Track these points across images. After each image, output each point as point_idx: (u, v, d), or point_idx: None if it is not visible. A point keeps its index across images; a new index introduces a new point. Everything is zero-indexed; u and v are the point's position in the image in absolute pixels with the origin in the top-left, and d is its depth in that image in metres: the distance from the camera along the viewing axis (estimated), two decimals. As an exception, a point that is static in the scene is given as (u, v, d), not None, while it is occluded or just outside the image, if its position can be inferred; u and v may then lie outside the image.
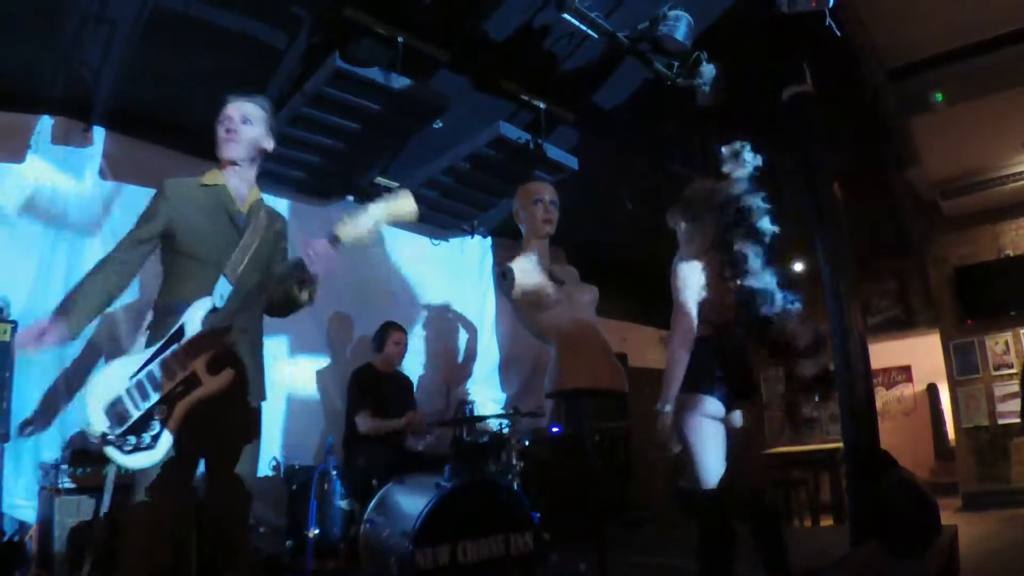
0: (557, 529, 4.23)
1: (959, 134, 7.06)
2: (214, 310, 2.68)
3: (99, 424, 2.49)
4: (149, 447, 2.50)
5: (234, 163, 2.92)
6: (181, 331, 2.62)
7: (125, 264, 2.76)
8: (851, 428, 4.72)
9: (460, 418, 5.02)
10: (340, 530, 4.70)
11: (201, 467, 2.81)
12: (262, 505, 5.14)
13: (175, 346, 2.60)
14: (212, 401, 2.61)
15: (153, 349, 2.61)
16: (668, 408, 3.16)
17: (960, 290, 9.27)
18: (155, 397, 2.54)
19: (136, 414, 2.52)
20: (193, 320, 2.64)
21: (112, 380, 2.57)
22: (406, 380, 5.85)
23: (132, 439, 2.49)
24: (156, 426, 2.52)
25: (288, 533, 4.80)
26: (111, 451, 2.49)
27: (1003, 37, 5.54)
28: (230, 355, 2.71)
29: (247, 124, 2.92)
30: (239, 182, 2.94)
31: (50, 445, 4.61)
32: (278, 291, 2.85)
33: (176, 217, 2.77)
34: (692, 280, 3.26)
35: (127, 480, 4.21)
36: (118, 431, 2.49)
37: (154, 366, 2.57)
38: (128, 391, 2.54)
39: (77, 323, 2.64)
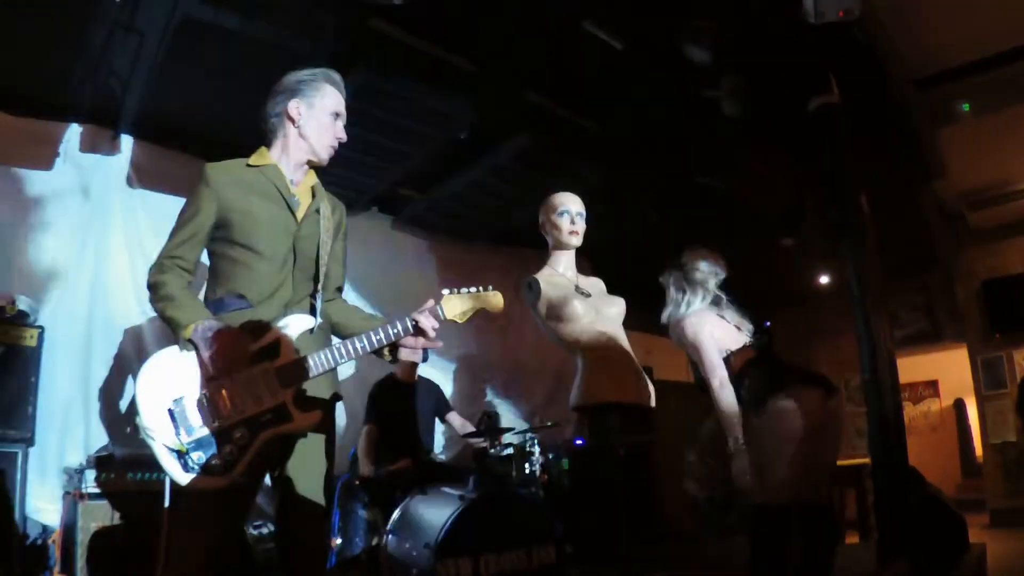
0: (580, 542, 4.20)
1: (986, 144, 6.97)
2: (311, 332, 2.43)
3: (156, 425, 2.17)
4: (218, 472, 2.18)
5: (319, 161, 2.62)
6: (275, 348, 2.31)
7: (186, 265, 2.41)
8: (879, 443, 4.66)
9: (483, 429, 5.00)
10: (362, 540, 4.69)
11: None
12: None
13: (266, 364, 2.29)
14: (295, 434, 2.36)
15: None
16: (743, 443, 3.28)
17: (988, 303, 9.16)
18: (234, 416, 2.23)
19: (206, 429, 2.21)
20: (290, 339, 2.35)
21: (176, 376, 2.25)
22: (432, 386, 5.82)
23: (199, 456, 2.17)
24: (232, 452, 2.20)
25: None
26: (172, 466, 2.17)
27: (1031, 46, 5.48)
28: (317, 389, 2.42)
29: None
30: (292, 162, 2.58)
31: (74, 450, 4.63)
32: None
33: (227, 204, 2.39)
34: (704, 327, 3.56)
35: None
36: (185, 440, 2.18)
37: (239, 379, 2.25)
38: (201, 399, 2.23)
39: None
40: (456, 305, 2.56)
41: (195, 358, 2.27)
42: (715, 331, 3.51)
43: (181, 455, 2.17)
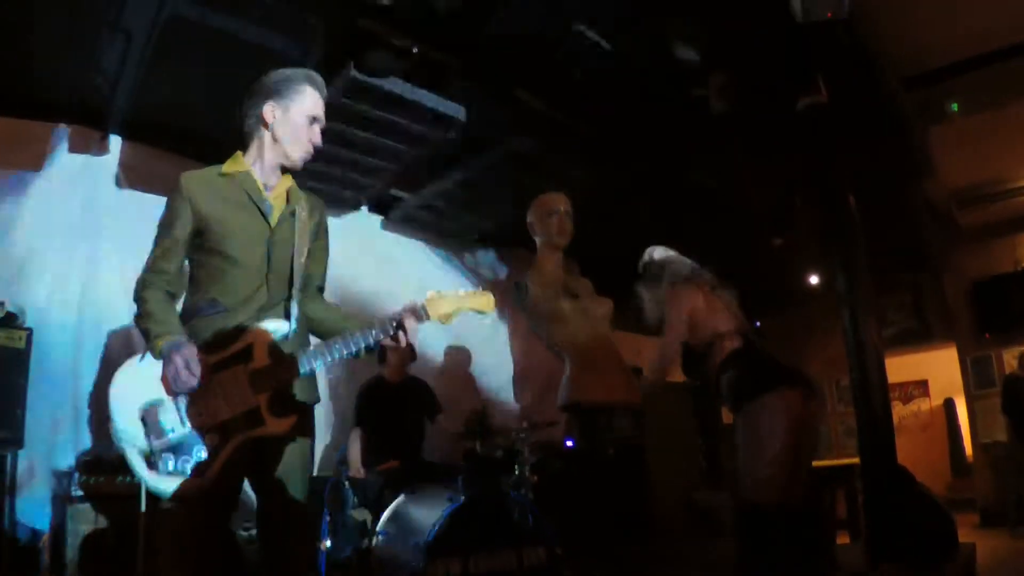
0: (570, 543, 4.20)
1: (975, 144, 7.00)
2: (286, 337, 2.41)
3: (128, 430, 2.19)
4: (190, 476, 2.18)
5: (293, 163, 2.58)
6: (249, 352, 2.30)
7: (168, 278, 2.41)
8: (868, 443, 4.68)
9: (473, 430, 5.00)
10: (352, 541, 4.68)
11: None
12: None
13: (239, 368, 2.28)
14: (270, 439, 2.34)
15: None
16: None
17: (977, 303, 9.20)
18: (205, 421, 2.22)
19: (179, 432, 2.21)
20: (264, 344, 2.33)
21: (149, 381, 2.24)
22: (421, 386, 5.81)
23: (170, 460, 2.17)
24: (203, 455, 2.20)
25: (299, 544, 4.77)
26: (141, 468, 2.19)
27: (1019, 45, 5.49)
28: (292, 394, 2.40)
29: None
30: (268, 167, 2.56)
31: (64, 453, 4.61)
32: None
33: (201, 213, 2.40)
34: (684, 301, 3.44)
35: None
36: (156, 444, 2.18)
37: (212, 382, 2.25)
38: (172, 404, 2.23)
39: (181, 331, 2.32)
40: (441, 306, 2.52)
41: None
42: (700, 307, 3.44)
43: (152, 460, 2.18)
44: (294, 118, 2.54)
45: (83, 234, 5.03)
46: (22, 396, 4.33)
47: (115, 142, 5.26)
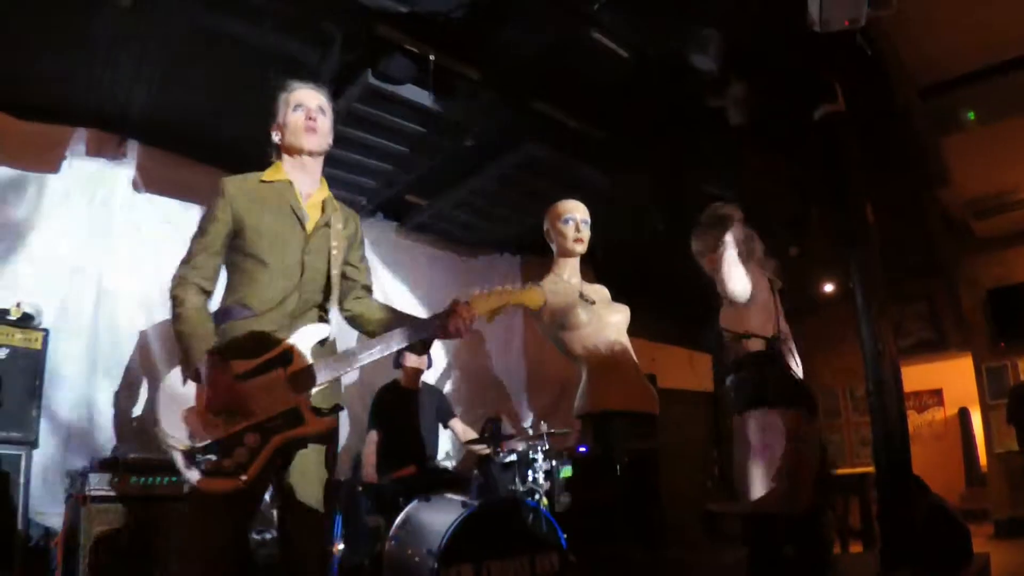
0: (583, 550, 4.20)
1: (991, 153, 6.97)
2: (323, 341, 2.50)
3: (173, 430, 2.26)
4: (231, 474, 2.24)
5: (310, 154, 2.67)
6: (288, 355, 2.39)
7: (204, 274, 2.50)
8: (883, 452, 4.66)
9: (487, 436, 5.00)
10: (365, 546, 4.68)
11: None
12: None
13: (279, 370, 2.37)
14: (299, 443, 2.42)
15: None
16: None
17: (993, 312, 9.14)
18: (247, 420, 2.29)
19: (219, 433, 2.27)
20: (303, 347, 2.42)
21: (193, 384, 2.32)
22: (436, 393, 5.82)
23: (213, 459, 2.24)
24: (244, 455, 2.25)
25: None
26: (184, 465, 2.24)
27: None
28: (328, 394, 2.49)
29: (323, 114, 2.70)
30: (305, 177, 2.68)
31: (78, 453, 4.63)
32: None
33: (240, 216, 2.50)
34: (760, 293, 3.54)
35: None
36: (198, 445, 2.24)
37: (250, 386, 2.32)
38: (215, 404, 2.28)
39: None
40: (487, 302, 2.60)
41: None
42: (763, 309, 3.50)
43: (195, 459, 2.23)
44: (285, 119, 2.68)
45: (99, 236, 5.05)
46: (37, 397, 4.36)
47: (132, 146, 5.28)
